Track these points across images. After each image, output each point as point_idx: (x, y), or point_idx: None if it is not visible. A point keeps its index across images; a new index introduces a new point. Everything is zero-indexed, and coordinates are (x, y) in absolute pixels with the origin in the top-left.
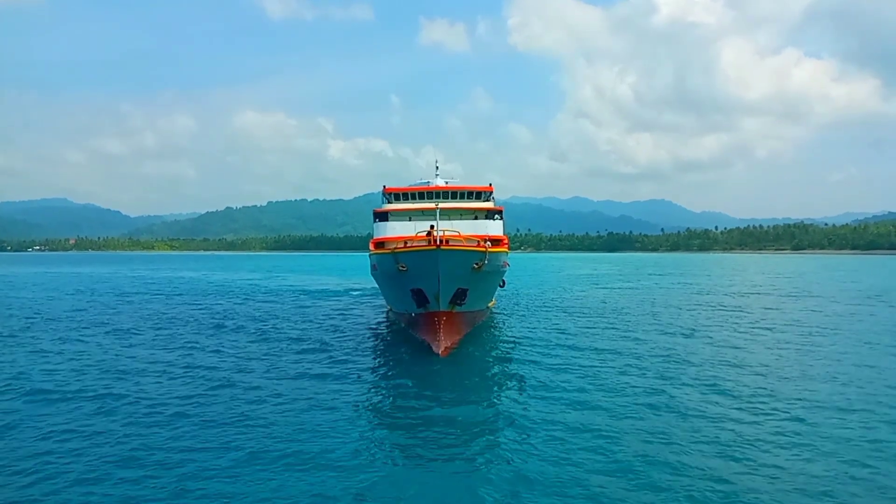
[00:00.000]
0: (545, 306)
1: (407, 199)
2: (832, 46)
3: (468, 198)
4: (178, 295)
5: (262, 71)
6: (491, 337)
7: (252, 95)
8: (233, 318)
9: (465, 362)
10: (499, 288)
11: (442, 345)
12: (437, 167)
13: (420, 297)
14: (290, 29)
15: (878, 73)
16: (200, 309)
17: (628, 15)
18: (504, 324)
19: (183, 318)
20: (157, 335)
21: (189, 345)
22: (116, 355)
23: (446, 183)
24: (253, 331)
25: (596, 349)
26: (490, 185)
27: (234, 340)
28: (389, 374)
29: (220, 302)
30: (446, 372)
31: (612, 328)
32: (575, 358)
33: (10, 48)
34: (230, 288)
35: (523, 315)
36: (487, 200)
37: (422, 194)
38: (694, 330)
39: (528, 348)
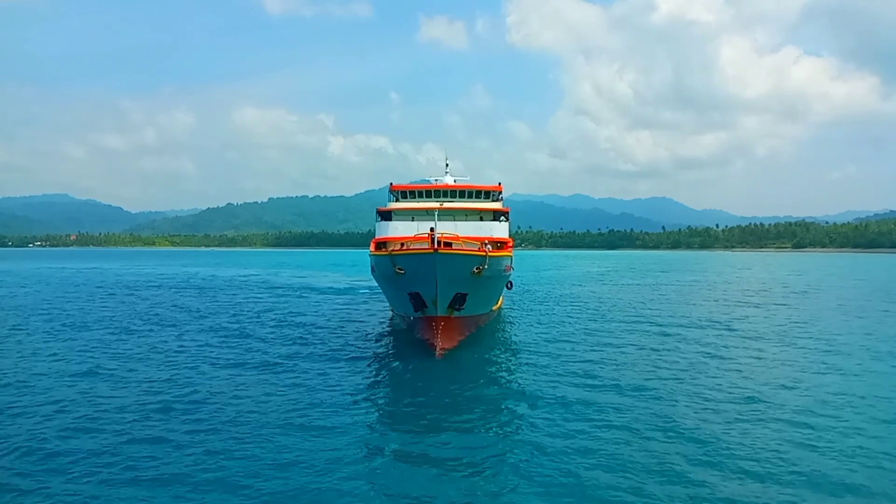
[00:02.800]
0: (552, 305)
1: (414, 197)
2: (831, 44)
3: (476, 197)
4: (188, 289)
5: (261, 67)
6: (493, 340)
7: (252, 91)
8: (239, 315)
9: (463, 366)
10: (506, 289)
11: (439, 351)
12: (446, 164)
13: (418, 301)
14: (290, 25)
15: (876, 71)
16: (208, 304)
17: (627, 13)
18: (510, 326)
19: (188, 314)
20: (154, 331)
21: (187, 342)
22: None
23: (455, 181)
24: (255, 328)
25: (602, 350)
26: (500, 184)
27: (237, 338)
28: (386, 377)
29: (227, 297)
30: (442, 375)
31: (618, 326)
32: (582, 359)
33: (9, 42)
34: (240, 284)
35: (530, 315)
36: (496, 200)
37: (429, 192)
38: (708, 332)
39: (531, 350)
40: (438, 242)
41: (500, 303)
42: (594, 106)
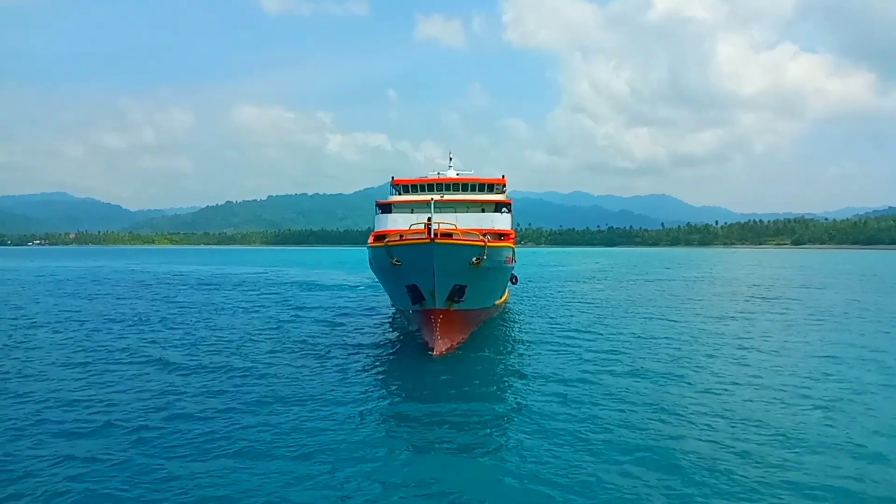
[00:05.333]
0: (557, 301)
1: (416, 190)
2: (827, 41)
3: (479, 190)
4: (187, 287)
5: (258, 65)
6: (495, 335)
7: (250, 90)
8: (237, 311)
9: (462, 363)
10: (511, 284)
11: (438, 345)
12: (450, 159)
13: (415, 294)
14: (287, 24)
15: (873, 67)
16: (204, 302)
17: (623, 10)
18: (515, 321)
19: (184, 312)
20: (156, 327)
21: (186, 342)
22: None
23: (457, 175)
24: (252, 325)
25: (610, 346)
26: (503, 176)
27: (235, 336)
28: (382, 374)
29: (224, 295)
30: (440, 373)
31: (624, 322)
32: (590, 358)
33: (8, 42)
34: (241, 281)
35: (535, 310)
36: (500, 193)
37: (430, 186)
38: (715, 328)
39: (537, 346)
40: (435, 233)
41: (504, 297)
42: (592, 103)
